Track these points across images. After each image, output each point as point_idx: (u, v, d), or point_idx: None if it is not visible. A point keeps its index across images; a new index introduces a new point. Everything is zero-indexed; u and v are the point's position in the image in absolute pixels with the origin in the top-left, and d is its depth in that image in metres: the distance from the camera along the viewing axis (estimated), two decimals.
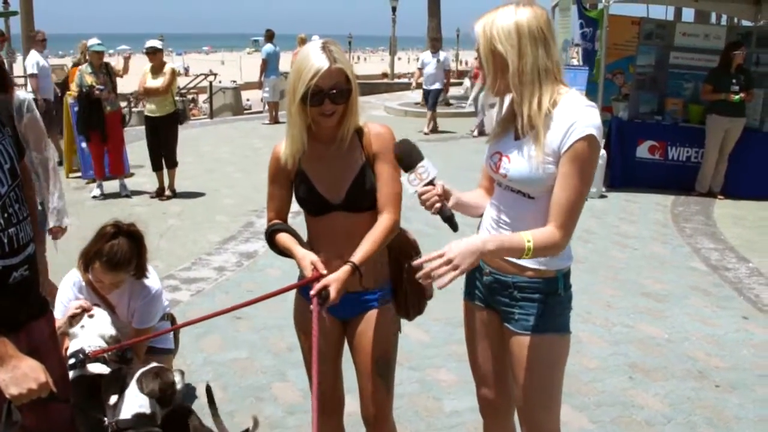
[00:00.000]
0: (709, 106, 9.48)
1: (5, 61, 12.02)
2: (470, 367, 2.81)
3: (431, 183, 2.42)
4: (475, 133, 14.66)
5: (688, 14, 16.09)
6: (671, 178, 9.91)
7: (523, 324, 2.46)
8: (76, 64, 10.19)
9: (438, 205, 2.41)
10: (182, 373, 2.91)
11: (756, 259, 6.92)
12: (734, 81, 9.20)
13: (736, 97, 9.15)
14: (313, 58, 2.41)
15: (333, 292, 2.43)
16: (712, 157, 9.56)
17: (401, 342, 2.88)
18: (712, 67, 9.63)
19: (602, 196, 9.42)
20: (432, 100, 15.07)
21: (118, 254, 3.14)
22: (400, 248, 2.75)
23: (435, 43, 15.84)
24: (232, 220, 8.14)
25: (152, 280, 3.41)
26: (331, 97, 2.44)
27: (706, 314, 5.53)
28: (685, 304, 5.72)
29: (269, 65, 15.95)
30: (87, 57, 9.43)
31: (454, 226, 2.44)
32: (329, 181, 2.60)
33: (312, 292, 2.44)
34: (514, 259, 2.43)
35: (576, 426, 3.87)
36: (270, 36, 16.03)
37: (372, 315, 2.71)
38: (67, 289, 3.34)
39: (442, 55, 15.29)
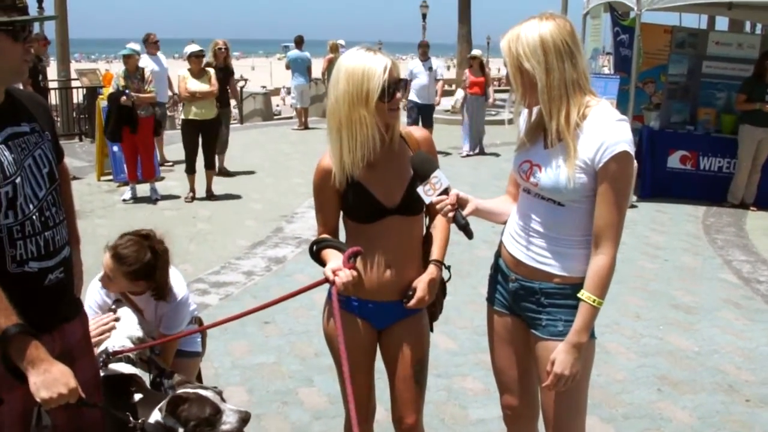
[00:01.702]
0: (742, 115, 9.36)
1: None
2: (493, 373, 2.81)
3: (445, 192, 2.45)
4: (463, 153, 13.10)
5: (722, 23, 15.86)
6: (703, 188, 9.78)
7: (550, 330, 2.47)
8: (208, 65, 10.04)
9: (451, 214, 2.44)
10: (243, 419, 2.54)
11: None
12: None
13: None
14: (370, 60, 2.46)
15: (420, 292, 2.61)
16: (745, 167, 9.42)
17: None
18: (746, 76, 9.50)
19: (633, 206, 9.31)
20: (427, 117, 12.63)
21: (126, 250, 3.10)
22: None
23: (424, 50, 12.77)
24: (262, 225, 8.19)
25: (179, 287, 3.39)
26: (399, 88, 2.50)
27: (736, 327, 5.45)
28: (716, 317, 5.65)
29: (294, 70, 15.97)
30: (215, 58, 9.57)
31: (468, 234, 2.47)
32: (384, 186, 2.60)
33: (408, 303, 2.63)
34: (542, 266, 2.45)
35: None
36: (299, 42, 16.07)
37: (412, 320, 2.73)
38: (95, 292, 3.34)
39: (433, 63, 12.87)
